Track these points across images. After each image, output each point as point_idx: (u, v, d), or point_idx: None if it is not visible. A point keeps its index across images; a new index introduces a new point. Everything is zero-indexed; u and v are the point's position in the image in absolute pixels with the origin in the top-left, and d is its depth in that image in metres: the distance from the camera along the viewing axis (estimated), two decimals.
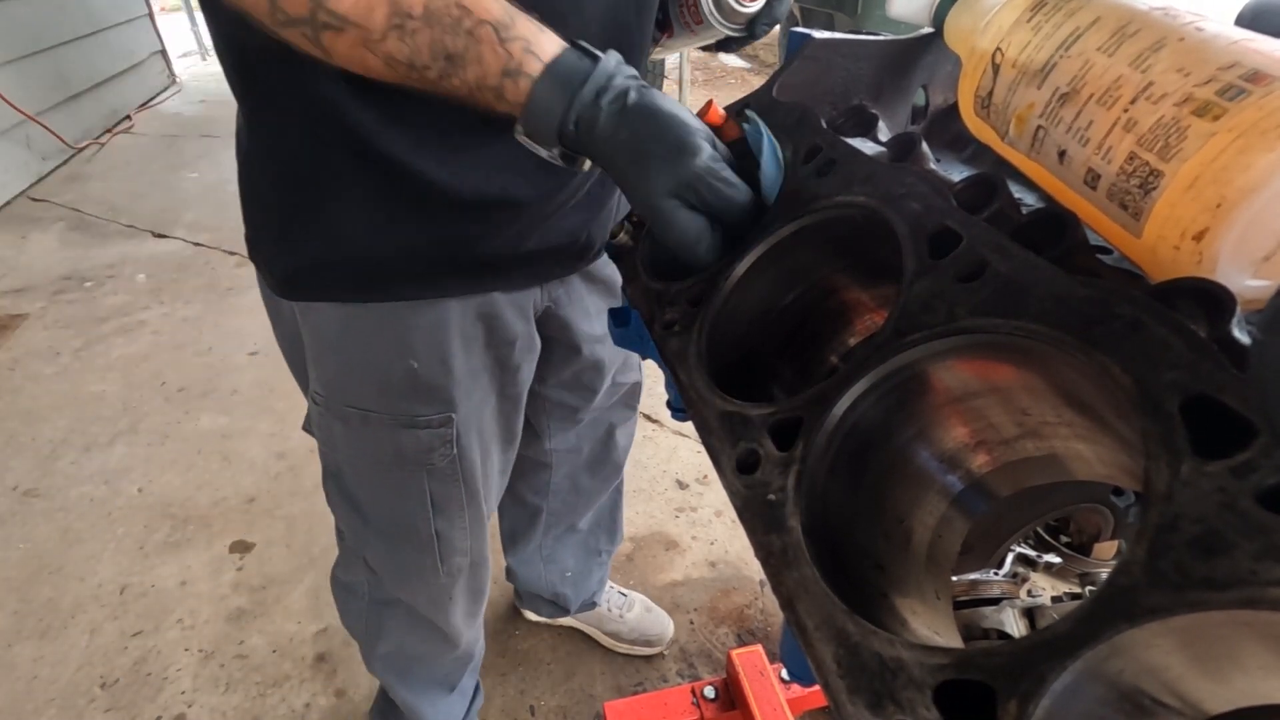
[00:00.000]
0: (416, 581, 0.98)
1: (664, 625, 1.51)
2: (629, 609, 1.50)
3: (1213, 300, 0.34)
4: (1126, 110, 0.43)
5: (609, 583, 1.52)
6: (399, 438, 0.80)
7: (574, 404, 1.11)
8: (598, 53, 0.55)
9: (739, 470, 0.45)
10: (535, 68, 0.53)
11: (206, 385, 2.25)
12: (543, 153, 0.57)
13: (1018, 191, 0.54)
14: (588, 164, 0.58)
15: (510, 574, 1.45)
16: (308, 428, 0.92)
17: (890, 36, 0.74)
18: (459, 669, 1.20)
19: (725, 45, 0.81)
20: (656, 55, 0.85)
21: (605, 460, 1.26)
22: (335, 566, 1.10)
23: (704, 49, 0.83)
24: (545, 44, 0.54)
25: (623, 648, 1.49)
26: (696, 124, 0.55)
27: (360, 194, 0.67)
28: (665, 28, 0.79)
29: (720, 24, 0.74)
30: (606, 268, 0.94)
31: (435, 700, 1.21)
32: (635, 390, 1.20)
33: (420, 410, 0.79)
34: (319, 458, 0.92)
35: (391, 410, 0.79)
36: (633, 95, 0.54)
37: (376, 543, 0.94)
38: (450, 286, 0.75)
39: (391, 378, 0.76)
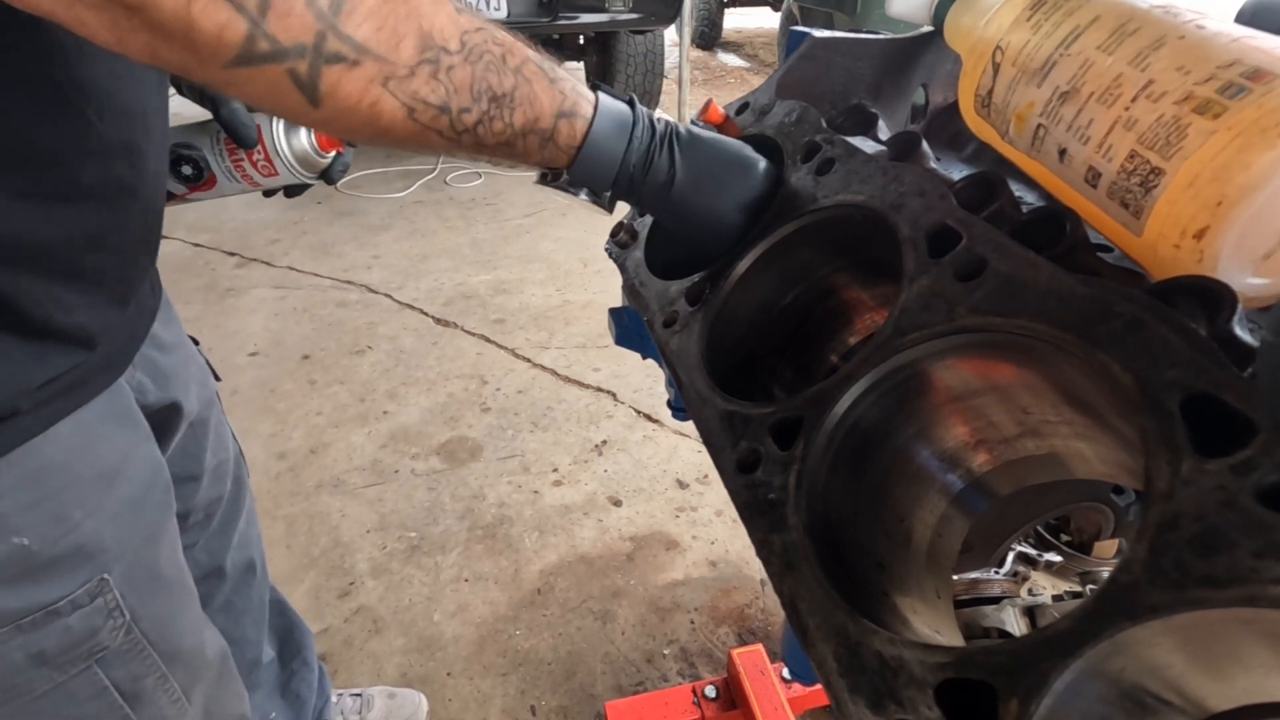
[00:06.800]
0: None
1: (414, 704, 1.32)
2: (368, 708, 1.30)
3: (1213, 298, 0.34)
4: (1127, 108, 0.42)
5: (333, 691, 1.25)
6: (36, 642, 0.52)
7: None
8: (620, 94, 0.55)
9: (740, 470, 0.45)
10: (587, 109, 0.51)
11: None
12: (583, 197, 0.55)
13: (1018, 190, 0.54)
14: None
15: None
16: None
17: (890, 35, 0.75)
18: None
19: (288, 190, 0.75)
20: (175, 205, 0.72)
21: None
22: None
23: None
24: (580, 84, 0.52)
25: None
26: (744, 146, 0.58)
27: None
28: (198, 181, 0.70)
29: (299, 175, 0.71)
30: None
31: None
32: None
33: (54, 592, 0.52)
34: None
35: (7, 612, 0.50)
36: (681, 130, 0.55)
37: None
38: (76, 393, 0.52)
39: None
